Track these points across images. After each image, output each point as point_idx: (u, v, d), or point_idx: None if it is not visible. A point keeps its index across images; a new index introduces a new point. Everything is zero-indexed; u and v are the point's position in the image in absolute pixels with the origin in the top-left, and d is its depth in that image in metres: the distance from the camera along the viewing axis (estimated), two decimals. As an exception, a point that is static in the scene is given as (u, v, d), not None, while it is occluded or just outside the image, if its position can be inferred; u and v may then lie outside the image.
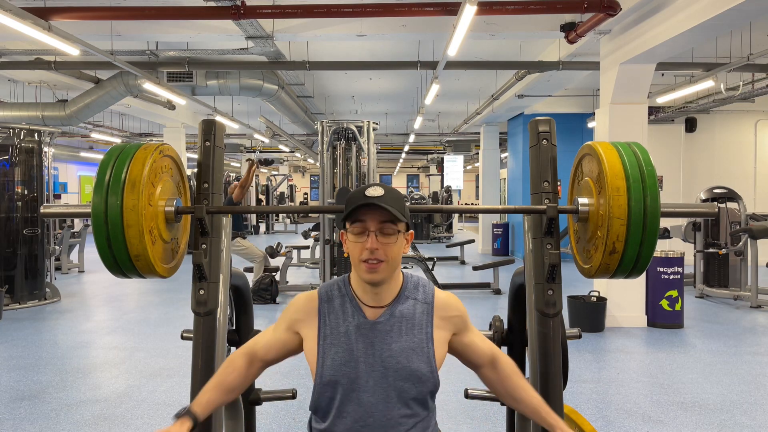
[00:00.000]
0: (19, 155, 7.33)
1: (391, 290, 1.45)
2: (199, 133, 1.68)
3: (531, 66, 8.01)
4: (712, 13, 4.34)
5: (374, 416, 1.37)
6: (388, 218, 1.37)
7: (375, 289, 1.42)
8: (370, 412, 1.37)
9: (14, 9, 4.88)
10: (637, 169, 1.46)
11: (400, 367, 1.38)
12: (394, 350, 1.39)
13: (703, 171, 11.57)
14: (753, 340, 5.66)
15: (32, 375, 4.53)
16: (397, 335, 1.41)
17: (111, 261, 1.47)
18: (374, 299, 1.44)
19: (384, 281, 1.41)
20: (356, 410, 1.38)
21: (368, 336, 1.41)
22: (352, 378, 1.38)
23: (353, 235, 1.40)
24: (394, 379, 1.38)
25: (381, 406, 1.37)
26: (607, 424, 3.59)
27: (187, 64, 7.88)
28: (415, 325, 1.43)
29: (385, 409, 1.37)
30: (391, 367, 1.38)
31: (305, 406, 1.85)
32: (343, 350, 1.40)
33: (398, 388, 1.38)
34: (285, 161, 26.84)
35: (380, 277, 1.38)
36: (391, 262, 1.38)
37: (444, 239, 17.35)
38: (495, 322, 1.92)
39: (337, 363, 1.39)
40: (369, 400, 1.37)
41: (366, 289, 1.43)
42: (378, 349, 1.39)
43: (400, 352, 1.39)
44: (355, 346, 1.40)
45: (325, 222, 8.16)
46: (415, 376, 1.39)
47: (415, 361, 1.39)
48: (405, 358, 1.39)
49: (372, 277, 1.38)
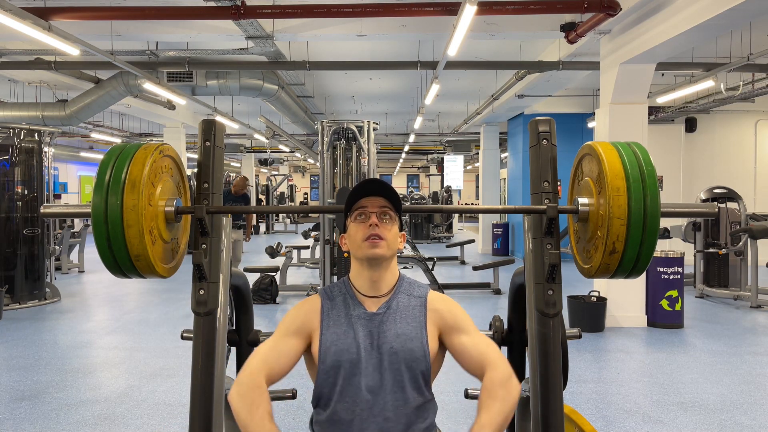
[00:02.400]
0: (19, 155, 7.33)
1: (388, 281, 1.58)
2: (199, 133, 1.68)
3: (531, 66, 8.01)
4: (712, 13, 4.34)
5: (373, 400, 1.45)
6: (387, 204, 1.56)
7: (374, 274, 1.55)
8: (369, 396, 1.45)
9: (14, 9, 4.88)
10: (637, 169, 1.45)
11: (394, 351, 1.48)
12: (390, 336, 1.50)
13: (703, 171, 11.57)
14: (753, 340, 5.66)
15: (32, 375, 4.53)
16: (392, 324, 1.52)
17: (111, 261, 1.47)
18: (373, 288, 1.57)
19: (383, 259, 1.53)
20: (356, 394, 1.46)
21: (367, 326, 1.52)
22: (353, 362, 1.48)
23: (355, 221, 1.55)
24: (389, 362, 1.48)
25: (379, 390, 1.46)
26: (607, 424, 3.59)
27: (187, 64, 7.88)
28: (409, 315, 1.55)
29: (383, 394, 1.46)
30: (387, 351, 1.49)
31: (305, 406, 1.85)
32: (345, 337, 1.51)
33: (394, 372, 1.47)
34: (285, 161, 26.83)
35: (381, 252, 1.51)
36: (389, 243, 1.53)
37: (444, 239, 17.35)
38: (495, 322, 1.91)
39: (340, 348, 1.49)
40: (368, 384, 1.46)
41: (365, 277, 1.56)
42: (376, 337, 1.51)
43: (395, 337, 1.50)
44: (356, 333, 1.51)
45: (325, 222, 8.16)
46: (409, 356, 1.48)
47: (408, 344, 1.49)
48: (399, 343, 1.50)
49: (374, 252, 1.51)
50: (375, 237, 1.50)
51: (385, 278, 1.57)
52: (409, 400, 1.46)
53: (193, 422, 1.55)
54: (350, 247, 1.56)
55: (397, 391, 1.46)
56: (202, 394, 1.56)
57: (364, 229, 1.52)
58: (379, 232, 1.51)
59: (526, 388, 1.74)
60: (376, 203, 1.55)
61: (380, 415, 1.44)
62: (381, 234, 1.51)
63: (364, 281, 1.57)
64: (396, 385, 1.47)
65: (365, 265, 1.55)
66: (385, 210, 1.55)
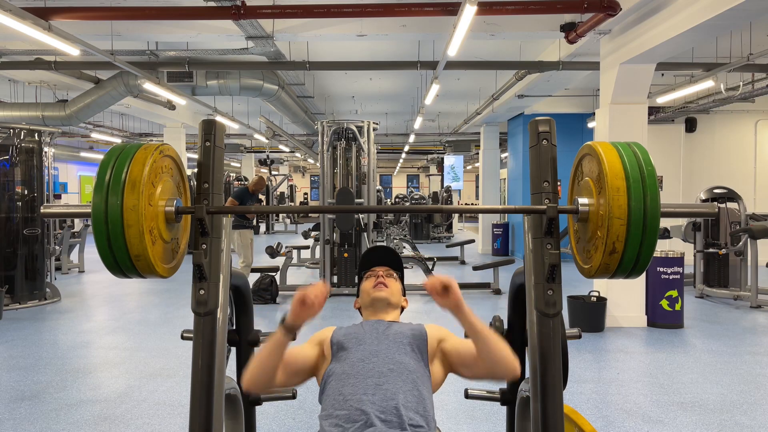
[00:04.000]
0: (19, 155, 7.33)
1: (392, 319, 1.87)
2: (199, 133, 1.68)
3: (531, 66, 8.02)
4: (712, 13, 4.34)
5: (377, 354, 1.66)
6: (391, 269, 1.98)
7: (378, 312, 1.86)
8: (374, 352, 1.67)
9: (14, 9, 4.88)
10: (637, 169, 1.45)
11: (397, 332, 1.75)
12: (395, 328, 1.78)
13: (703, 171, 11.56)
14: (753, 340, 5.66)
15: (32, 375, 4.53)
16: (397, 326, 1.80)
17: (111, 261, 1.47)
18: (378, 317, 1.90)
19: (387, 302, 1.86)
20: (363, 350, 1.68)
21: (375, 326, 1.79)
22: (359, 338, 1.73)
23: (366, 280, 1.93)
24: (393, 337, 1.73)
25: (383, 347, 1.69)
26: (607, 424, 3.59)
27: (187, 64, 7.88)
28: (412, 326, 1.82)
29: (386, 350, 1.68)
30: (391, 333, 1.75)
31: (305, 406, 1.86)
32: (353, 329, 1.79)
33: (396, 339, 1.72)
34: (285, 161, 26.83)
35: (384, 295, 1.85)
36: (392, 291, 1.88)
37: (444, 239, 17.35)
38: (495, 322, 1.92)
39: (349, 332, 1.76)
40: (372, 344, 1.70)
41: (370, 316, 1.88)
42: (382, 331, 1.76)
43: (399, 328, 1.78)
44: (363, 327, 1.79)
45: (325, 222, 8.17)
46: (410, 335, 1.75)
47: (410, 332, 1.76)
48: (403, 330, 1.77)
49: (378, 294, 1.85)
50: (380, 284, 1.87)
51: (387, 317, 1.86)
52: (409, 364, 1.65)
53: (193, 422, 1.55)
54: (361, 301, 1.92)
55: (398, 348, 1.68)
56: (202, 394, 1.55)
57: (372, 282, 1.89)
58: (384, 281, 1.88)
59: (526, 388, 1.74)
60: (383, 268, 1.95)
61: (378, 372, 1.62)
62: (385, 282, 1.88)
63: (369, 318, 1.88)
64: (396, 344, 1.70)
65: (371, 310, 1.87)
66: (389, 272, 1.94)
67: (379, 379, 1.59)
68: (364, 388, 1.57)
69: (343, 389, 1.59)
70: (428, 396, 1.64)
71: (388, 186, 36.60)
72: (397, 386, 1.58)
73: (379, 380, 1.59)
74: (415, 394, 1.59)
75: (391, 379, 1.60)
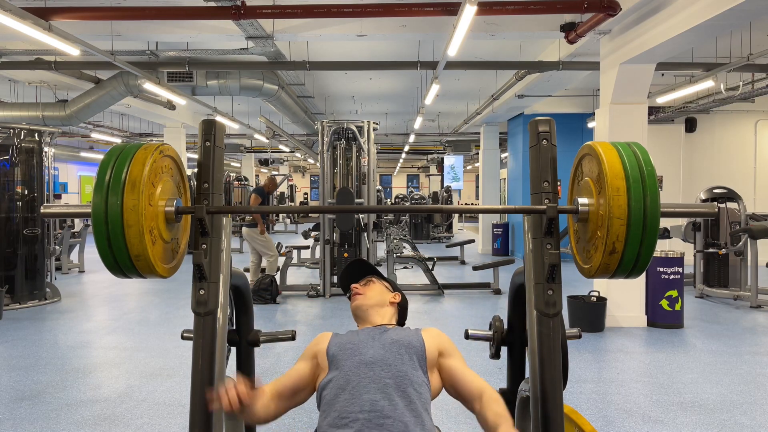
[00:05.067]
0: (19, 155, 7.33)
1: (383, 318, 1.89)
2: (199, 133, 1.68)
3: (531, 66, 8.01)
4: (712, 13, 4.34)
5: (374, 357, 1.66)
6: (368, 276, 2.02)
7: (367, 318, 1.88)
8: (368, 363, 1.65)
9: (14, 9, 4.88)
10: (637, 169, 1.45)
11: (393, 340, 1.73)
12: (390, 334, 1.76)
13: (703, 171, 11.56)
14: (753, 340, 5.66)
15: (32, 375, 4.53)
16: (392, 331, 1.79)
17: (111, 261, 1.47)
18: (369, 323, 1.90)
19: (366, 306, 1.88)
20: (358, 360, 1.67)
21: (370, 332, 1.79)
22: (354, 343, 1.72)
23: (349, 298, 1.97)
24: (390, 346, 1.70)
25: (380, 351, 1.68)
26: (607, 424, 3.59)
27: (187, 65, 7.88)
28: (407, 330, 1.82)
29: (383, 352, 1.67)
30: (387, 340, 1.73)
31: (305, 406, 1.86)
32: (349, 336, 1.78)
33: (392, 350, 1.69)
34: (285, 161, 26.83)
35: (359, 301, 1.89)
36: (368, 295, 1.91)
37: (444, 239, 17.34)
38: (495, 322, 1.92)
39: (344, 340, 1.75)
40: (367, 353, 1.68)
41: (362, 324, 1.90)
42: (377, 337, 1.75)
43: (395, 334, 1.76)
44: (359, 335, 1.77)
45: (325, 222, 8.16)
46: (407, 343, 1.72)
47: (406, 338, 1.74)
48: (399, 337, 1.74)
49: (355, 303, 1.90)
50: (355, 295, 1.92)
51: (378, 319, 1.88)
52: (408, 373, 1.63)
53: (193, 422, 1.55)
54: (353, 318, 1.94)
55: (394, 351, 1.67)
56: (202, 394, 1.55)
57: (353, 293, 1.94)
58: (358, 290, 1.92)
59: (526, 388, 1.74)
60: (360, 282, 1.98)
61: (379, 381, 1.60)
62: (359, 291, 1.92)
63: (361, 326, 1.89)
64: (393, 346, 1.69)
65: (359, 321, 1.91)
66: (367, 280, 1.97)
67: (375, 395, 1.56)
68: (360, 404, 1.55)
69: (337, 405, 1.57)
70: (424, 411, 1.59)
71: (388, 186, 36.60)
72: (394, 403, 1.55)
73: (374, 396, 1.56)
74: (411, 408, 1.56)
75: (387, 394, 1.57)
